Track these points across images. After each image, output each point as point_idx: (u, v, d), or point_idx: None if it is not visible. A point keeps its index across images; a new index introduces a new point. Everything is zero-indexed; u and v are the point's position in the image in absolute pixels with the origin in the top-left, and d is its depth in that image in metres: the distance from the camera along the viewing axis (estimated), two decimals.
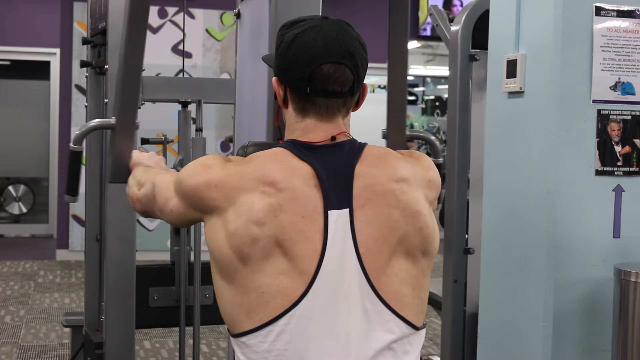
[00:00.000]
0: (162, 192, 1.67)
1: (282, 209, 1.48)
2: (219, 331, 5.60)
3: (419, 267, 1.56)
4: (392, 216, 1.52)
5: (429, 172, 1.63)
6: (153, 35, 8.33)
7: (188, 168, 1.59)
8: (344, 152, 1.56)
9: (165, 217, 1.67)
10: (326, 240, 1.48)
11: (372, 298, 1.50)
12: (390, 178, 1.55)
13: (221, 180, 1.52)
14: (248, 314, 1.49)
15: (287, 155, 1.54)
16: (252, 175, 1.51)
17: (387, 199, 1.53)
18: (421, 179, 1.60)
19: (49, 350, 5.24)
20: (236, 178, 1.51)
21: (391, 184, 1.54)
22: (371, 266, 1.50)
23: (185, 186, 1.56)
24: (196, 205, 1.55)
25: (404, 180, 1.56)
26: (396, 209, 1.53)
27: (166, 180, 1.68)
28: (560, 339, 2.45)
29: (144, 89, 3.26)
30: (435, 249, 1.59)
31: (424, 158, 1.66)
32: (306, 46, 1.54)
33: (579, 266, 2.46)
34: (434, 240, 1.58)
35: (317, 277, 1.47)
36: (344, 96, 1.57)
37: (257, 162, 1.53)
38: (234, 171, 1.53)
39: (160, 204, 1.67)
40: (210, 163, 1.56)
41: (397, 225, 1.52)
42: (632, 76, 2.48)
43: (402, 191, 1.54)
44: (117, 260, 3.15)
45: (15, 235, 9.99)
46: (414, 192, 1.56)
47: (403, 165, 1.58)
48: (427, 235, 1.56)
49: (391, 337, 1.52)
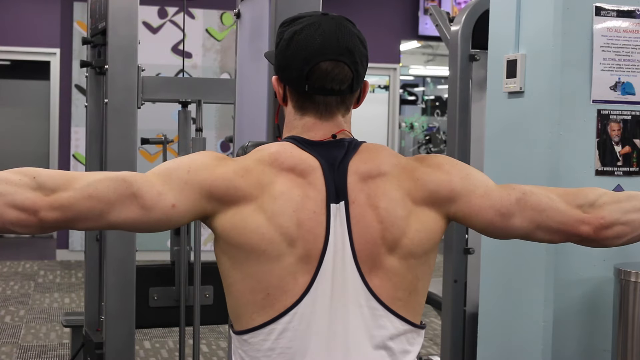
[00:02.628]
0: (148, 187, 1.45)
1: (308, 196, 1.49)
2: (219, 331, 5.60)
3: (407, 264, 1.53)
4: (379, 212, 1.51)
5: (418, 170, 1.57)
6: (153, 35, 8.33)
7: (198, 160, 1.51)
8: (343, 148, 1.55)
9: (155, 216, 1.46)
10: (328, 235, 1.48)
11: (365, 294, 1.50)
12: (372, 174, 1.53)
13: (245, 170, 1.50)
14: (251, 315, 1.49)
15: (293, 147, 1.54)
16: (271, 162, 1.50)
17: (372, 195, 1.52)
18: (404, 175, 1.55)
19: (49, 350, 5.24)
20: (259, 166, 1.50)
21: (371, 181, 1.53)
22: (364, 262, 1.50)
23: (206, 176, 1.48)
24: (217, 196, 1.48)
25: (382, 175, 1.53)
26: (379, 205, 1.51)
27: (143, 175, 1.48)
28: (560, 339, 2.45)
29: (144, 89, 3.26)
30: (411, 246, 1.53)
31: (429, 158, 1.62)
32: (304, 44, 1.53)
33: (579, 266, 2.46)
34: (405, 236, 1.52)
35: (319, 273, 1.47)
36: (343, 94, 1.57)
37: (269, 151, 1.52)
38: (251, 161, 1.51)
39: (148, 200, 1.45)
40: (221, 156, 1.54)
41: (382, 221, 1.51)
42: (632, 76, 2.48)
43: (376, 186, 1.52)
44: (117, 260, 3.15)
45: (15, 235, 9.99)
46: (389, 187, 1.53)
47: (389, 161, 1.56)
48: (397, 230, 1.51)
49: (385, 333, 1.51)
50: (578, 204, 1.63)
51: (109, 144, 3.14)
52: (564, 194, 1.65)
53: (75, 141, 8.24)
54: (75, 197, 1.42)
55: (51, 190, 1.41)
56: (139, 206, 1.45)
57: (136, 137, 3.20)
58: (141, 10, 3.21)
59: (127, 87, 3.15)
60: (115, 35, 3.13)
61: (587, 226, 1.62)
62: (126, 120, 3.15)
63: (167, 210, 1.46)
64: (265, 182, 1.48)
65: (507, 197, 1.60)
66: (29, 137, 10.07)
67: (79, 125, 8.16)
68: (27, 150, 10.08)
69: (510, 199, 1.60)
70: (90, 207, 1.42)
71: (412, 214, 1.54)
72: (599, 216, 1.62)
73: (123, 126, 3.15)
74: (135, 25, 3.16)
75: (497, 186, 1.64)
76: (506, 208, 1.59)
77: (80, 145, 8.05)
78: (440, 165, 1.60)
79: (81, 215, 1.42)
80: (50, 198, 1.40)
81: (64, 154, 8.46)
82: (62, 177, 1.43)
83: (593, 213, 1.62)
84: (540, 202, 1.61)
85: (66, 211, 1.41)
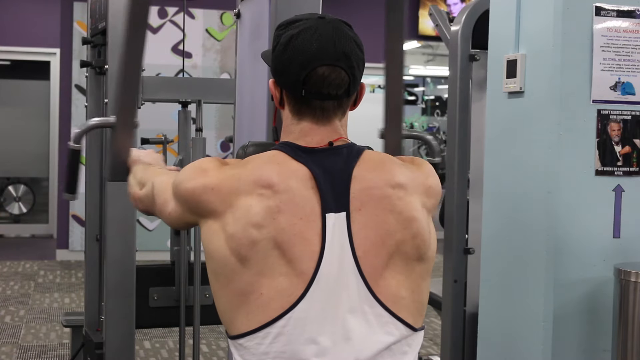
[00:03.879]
0: (161, 194, 1.68)
1: (280, 211, 1.48)
2: (219, 331, 5.60)
3: (416, 271, 1.55)
4: (388, 220, 1.52)
5: (428, 179, 1.61)
6: (153, 35, 8.33)
7: (185, 172, 1.58)
8: (342, 155, 1.55)
9: (165, 219, 1.68)
10: (324, 242, 1.48)
11: (370, 301, 1.50)
12: (387, 183, 1.54)
13: (218, 183, 1.52)
14: (246, 316, 1.49)
15: (283, 157, 1.54)
16: (249, 178, 1.50)
17: (383, 204, 1.52)
18: (420, 186, 1.58)
19: (49, 350, 5.24)
20: (233, 181, 1.51)
21: (387, 189, 1.53)
22: (368, 269, 1.50)
23: (182, 190, 1.56)
24: (193, 209, 1.55)
25: (401, 186, 1.55)
26: (392, 214, 1.52)
27: (164, 182, 1.69)
28: (560, 339, 2.45)
29: (144, 89, 3.26)
30: (431, 255, 1.58)
31: (425, 165, 1.65)
32: (301, 49, 1.53)
33: (579, 266, 2.46)
34: (429, 247, 1.57)
35: (315, 279, 1.47)
36: (340, 98, 1.57)
37: (253, 165, 1.53)
38: (230, 174, 1.52)
39: (159, 205, 1.69)
40: (206, 166, 1.55)
41: (392, 229, 1.52)
42: (632, 76, 2.48)
43: (398, 197, 1.53)
44: (117, 260, 3.15)
45: (15, 235, 9.99)
46: (410, 199, 1.55)
47: (401, 172, 1.57)
48: (423, 242, 1.55)
49: (391, 339, 1.52)
50: None
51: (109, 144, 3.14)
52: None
53: None
54: (141, 195, 1.82)
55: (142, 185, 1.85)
56: (157, 210, 1.71)
57: (136, 137, 3.20)
58: None
59: None
60: (115, 35, 3.13)
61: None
62: None
63: (167, 216, 1.66)
64: (235, 198, 1.49)
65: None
66: (29, 137, 10.06)
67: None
68: (27, 150, 10.08)
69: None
70: (147, 204, 1.79)
71: (425, 220, 1.57)
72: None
73: None
74: None
75: None
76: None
77: None
78: (431, 172, 1.65)
79: (149, 210, 1.79)
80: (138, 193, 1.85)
81: (64, 154, 8.46)
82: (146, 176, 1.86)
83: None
84: None
85: (141, 204, 1.83)
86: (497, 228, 2.70)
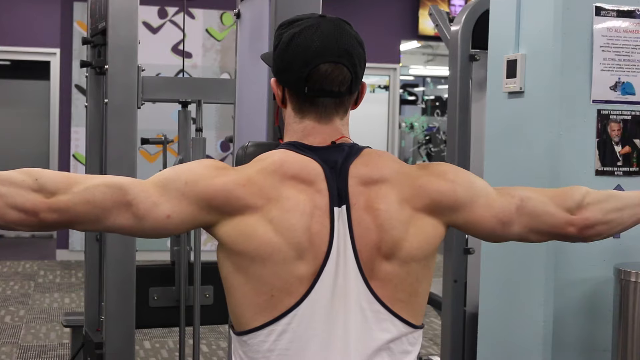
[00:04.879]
0: (143, 197, 1.47)
1: (315, 202, 1.49)
2: (219, 331, 5.60)
3: (413, 268, 1.54)
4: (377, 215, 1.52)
5: (421, 178, 1.58)
6: (153, 35, 8.33)
7: (196, 170, 1.51)
8: (343, 152, 1.56)
9: (149, 225, 1.48)
10: (332, 237, 1.49)
11: (368, 297, 1.50)
12: (372, 179, 1.54)
13: (248, 179, 1.49)
14: (253, 315, 1.49)
15: (295, 153, 1.54)
16: (279, 172, 1.50)
17: (372, 199, 1.52)
18: (406, 182, 1.56)
19: (49, 350, 5.24)
20: (263, 176, 1.50)
21: (375, 184, 1.53)
22: (366, 265, 1.50)
23: (204, 188, 1.48)
24: (217, 207, 1.48)
25: (383, 181, 1.54)
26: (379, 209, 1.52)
27: (140, 184, 1.49)
28: (560, 339, 2.45)
29: (144, 89, 3.26)
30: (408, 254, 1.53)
31: (430, 167, 1.62)
32: (303, 46, 1.53)
33: (579, 266, 2.46)
34: (402, 245, 1.52)
35: (320, 276, 1.48)
36: (342, 96, 1.57)
37: (272, 160, 1.52)
38: (254, 171, 1.51)
39: (142, 210, 1.47)
40: (221, 165, 1.53)
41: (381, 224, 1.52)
42: (632, 76, 2.48)
43: (376, 192, 1.53)
44: (117, 260, 3.15)
45: (15, 235, 9.99)
46: (387, 193, 1.53)
47: (389, 166, 1.56)
48: (391, 238, 1.52)
49: (388, 336, 1.52)
50: (566, 206, 1.71)
51: (109, 144, 3.14)
52: (554, 196, 1.72)
53: (75, 141, 8.24)
54: (73, 201, 1.45)
55: (51, 192, 1.44)
56: (133, 215, 1.47)
57: (136, 137, 3.20)
58: (141, 10, 3.21)
59: (127, 87, 3.15)
60: (115, 35, 3.13)
61: (573, 227, 1.72)
62: (126, 120, 3.16)
63: (161, 220, 1.48)
64: (270, 190, 1.48)
65: (508, 205, 1.65)
66: (29, 137, 10.07)
67: (79, 125, 8.16)
68: (27, 150, 10.08)
69: (510, 208, 1.65)
70: (86, 211, 1.46)
71: (411, 219, 1.54)
72: (583, 217, 1.72)
73: (123, 126, 3.15)
74: (135, 25, 3.16)
75: (497, 194, 1.67)
76: (507, 217, 1.65)
77: (80, 145, 8.05)
78: (444, 173, 1.61)
79: (79, 219, 1.46)
80: (49, 200, 1.44)
81: (64, 154, 8.46)
82: (63, 180, 1.46)
83: (578, 214, 1.71)
84: (536, 208, 1.68)
85: (64, 214, 1.45)
86: None
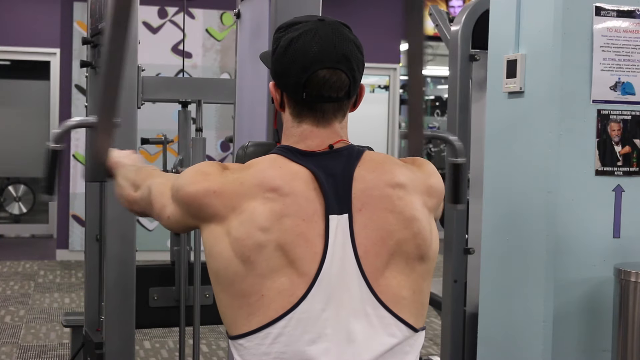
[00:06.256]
0: (158, 198, 1.66)
1: (285, 213, 1.48)
2: (219, 331, 5.60)
3: (417, 271, 1.55)
4: (389, 220, 1.52)
5: (430, 178, 1.62)
6: (153, 35, 8.33)
7: (185, 175, 1.57)
8: (343, 157, 1.55)
9: (163, 223, 1.66)
10: (327, 244, 1.48)
11: (372, 302, 1.50)
12: (387, 183, 1.54)
13: (220, 187, 1.51)
14: (247, 317, 1.49)
15: (284, 160, 1.54)
16: (252, 182, 1.50)
17: (384, 204, 1.53)
18: (420, 185, 1.59)
19: (49, 350, 5.24)
20: (236, 185, 1.51)
21: (387, 189, 1.54)
22: (370, 269, 1.50)
23: (183, 194, 1.55)
24: (194, 213, 1.54)
25: (401, 186, 1.55)
26: (392, 214, 1.52)
27: (162, 185, 1.67)
28: (560, 339, 2.45)
29: (144, 89, 3.26)
30: (433, 255, 1.58)
31: (426, 165, 1.65)
32: (302, 51, 1.53)
33: (579, 266, 2.46)
34: (430, 246, 1.57)
35: (317, 281, 1.47)
36: (340, 100, 1.57)
37: (256, 169, 1.53)
38: (232, 178, 1.52)
39: (157, 209, 1.67)
40: (207, 170, 1.55)
41: (393, 229, 1.52)
42: (632, 76, 2.48)
43: (398, 197, 1.54)
44: (117, 260, 3.14)
45: (15, 235, 9.99)
46: (410, 198, 1.55)
47: (401, 172, 1.58)
48: (423, 241, 1.55)
49: (394, 340, 1.52)
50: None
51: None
52: None
53: (75, 141, 8.23)
54: (137, 198, 1.80)
55: (136, 188, 1.81)
56: (156, 214, 1.69)
57: (136, 137, 3.20)
58: (141, 10, 3.21)
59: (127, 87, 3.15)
60: None
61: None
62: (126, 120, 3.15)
63: (165, 220, 1.65)
64: (239, 201, 1.49)
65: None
66: (29, 137, 10.06)
67: None
68: (27, 150, 10.07)
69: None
70: (143, 207, 1.77)
71: (430, 219, 1.58)
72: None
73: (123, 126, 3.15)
74: (135, 25, 3.15)
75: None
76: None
77: (80, 145, 8.05)
78: (433, 171, 1.65)
79: (145, 212, 1.78)
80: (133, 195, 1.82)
81: (64, 154, 8.45)
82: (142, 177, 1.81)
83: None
84: None
85: (138, 207, 1.81)
86: (497, 228, 2.70)
